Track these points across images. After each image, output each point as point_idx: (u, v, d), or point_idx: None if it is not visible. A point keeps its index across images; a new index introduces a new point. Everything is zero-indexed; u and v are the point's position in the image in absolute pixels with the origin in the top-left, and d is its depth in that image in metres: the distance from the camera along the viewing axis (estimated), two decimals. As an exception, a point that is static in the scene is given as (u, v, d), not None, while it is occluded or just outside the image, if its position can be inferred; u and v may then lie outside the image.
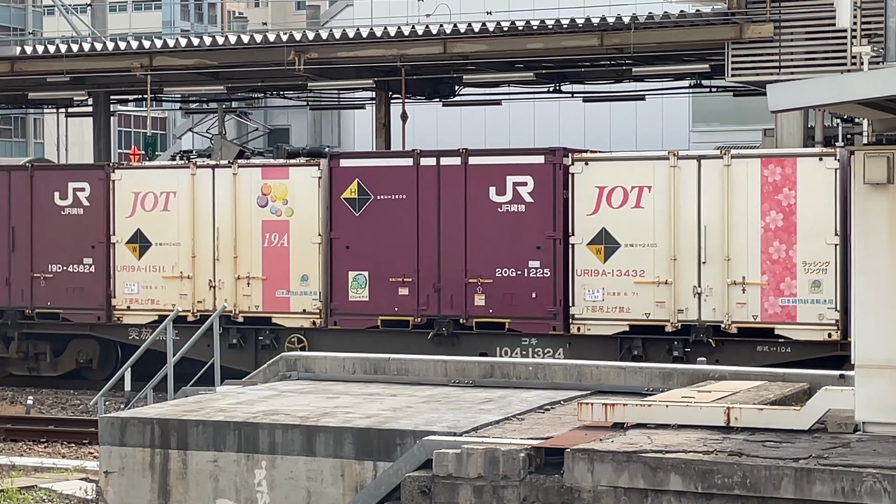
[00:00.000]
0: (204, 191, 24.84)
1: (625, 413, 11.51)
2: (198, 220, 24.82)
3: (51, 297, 26.05)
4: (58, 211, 25.90)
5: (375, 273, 23.60)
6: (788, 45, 23.89)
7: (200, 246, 24.79)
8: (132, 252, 25.32)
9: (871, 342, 10.96)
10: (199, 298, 24.78)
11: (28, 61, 29.33)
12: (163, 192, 25.07)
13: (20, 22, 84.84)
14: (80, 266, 25.78)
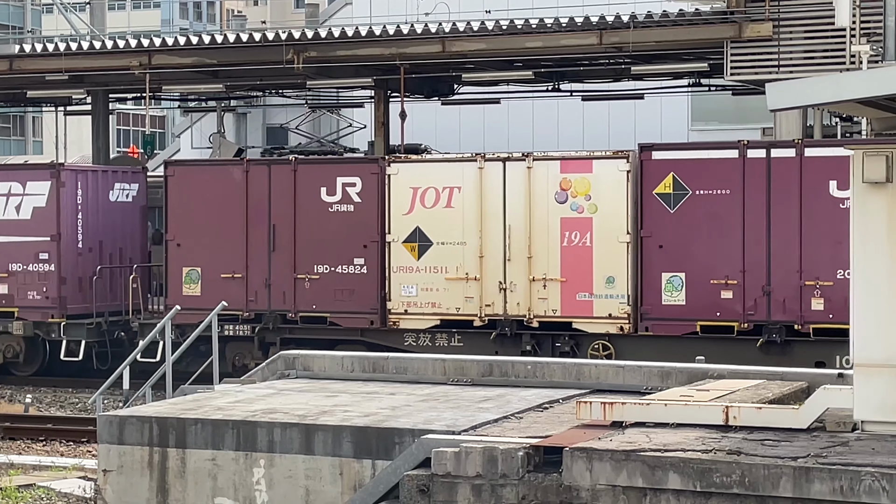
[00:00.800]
0: (493, 186, 22.90)
1: (623, 412, 11.51)
2: (486, 217, 22.93)
3: (316, 299, 24.13)
4: (325, 208, 23.97)
5: (693, 274, 21.93)
6: (787, 44, 23.89)
7: (489, 245, 22.91)
8: (410, 252, 23.40)
9: (870, 341, 10.96)
10: (488, 302, 22.93)
11: (27, 59, 29.33)
12: (445, 187, 23.10)
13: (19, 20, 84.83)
14: (349, 267, 23.85)
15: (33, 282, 26.47)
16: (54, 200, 26.28)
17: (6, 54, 29.98)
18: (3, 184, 26.66)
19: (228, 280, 24.61)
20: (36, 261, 26.45)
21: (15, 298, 26.63)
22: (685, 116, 35.82)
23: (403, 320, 23.58)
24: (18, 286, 26.57)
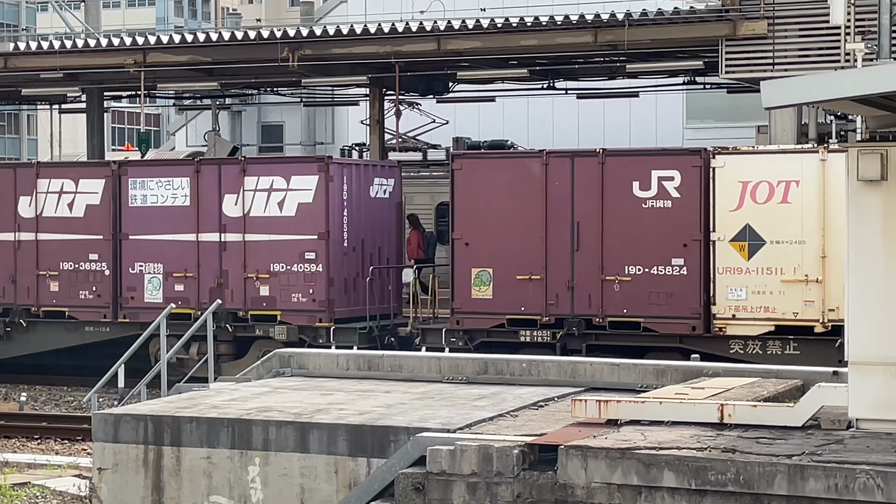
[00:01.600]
0: (838, 179, 20.57)
1: (619, 410, 11.51)
2: (828, 213, 21.10)
3: (628, 303, 22.40)
4: (637, 203, 22.20)
5: None
6: (782, 41, 23.91)
7: (832, 245, 20.98)
8: (739, 251, 21.61)
9: (865, 339, 10.96)
10: (832, 306, 21.19)
11: (21, 57, 29.31)
12: (781, 181, 21.34)
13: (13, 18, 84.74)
14: (666, 268, 22.08)
15: (298, 283, 24.30)
16: (322, 196, 24.08)
17: (1, 52, 29.96)
18: (265, 178, 24.45)
19: (524, 282, 22.83)
20: (301, 261, 24.25)
21: (277, 301, 24.48)
22: (680, 114, 35.85)
23: (731, 326, 21.86)
24: (281, 288, 24.45)
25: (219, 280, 24.78)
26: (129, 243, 25.45)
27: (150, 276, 25.35)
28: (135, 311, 25.37)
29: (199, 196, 24.91)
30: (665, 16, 24.98)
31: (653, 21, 24.90)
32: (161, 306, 22.75)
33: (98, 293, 25.78)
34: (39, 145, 71.37)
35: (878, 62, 20.98)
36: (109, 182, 25.56)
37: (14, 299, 26.45)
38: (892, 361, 10.86)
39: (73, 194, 25.90)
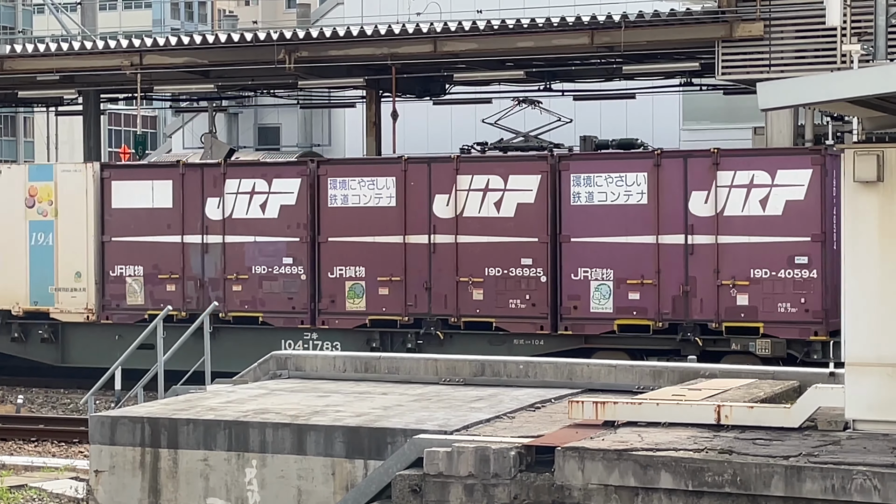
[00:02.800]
0: None
1: (615, 411, 11.52)
2: None
3: None
4: None
5: None
6: (778, 43, 23.92)
7: None
8: None
9: (861, 340, 10.97)
10: None
11: (18, 60, 29.28)
12: None
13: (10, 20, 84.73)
14: None
15: (786, 291, 21.65)
16: (817, 193, 21.39)
17: (-3, 54, 29.94)
18: (743, 173, 21.87)
19: None
20: (791, 266, 21.60)
21: (759, 311, 21.86)
22: (676, 116, 35.84)
23: None
24: (764, 296, 21.76)
25: (684, 288, 22.18)
26: None
27: (598, 283, 22.72)
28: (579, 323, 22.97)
29: None
30: (661, 17, 24.98)
31: (649, 23, 24.90)
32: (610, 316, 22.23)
33: None
34: (36, 148, 71.35)
35: (874, 64, 20.99)
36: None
37: None
38: (889, 362, 10.87)
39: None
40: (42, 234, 26.15)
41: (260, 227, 24.71)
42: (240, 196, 24.91)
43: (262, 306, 24.71)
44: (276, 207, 24.60)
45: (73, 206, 25.89)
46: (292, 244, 24.46)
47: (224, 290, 24.83)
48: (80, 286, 25.83)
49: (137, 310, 25.42)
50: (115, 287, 25.64)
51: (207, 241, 25.03)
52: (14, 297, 26.27)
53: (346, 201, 24.16)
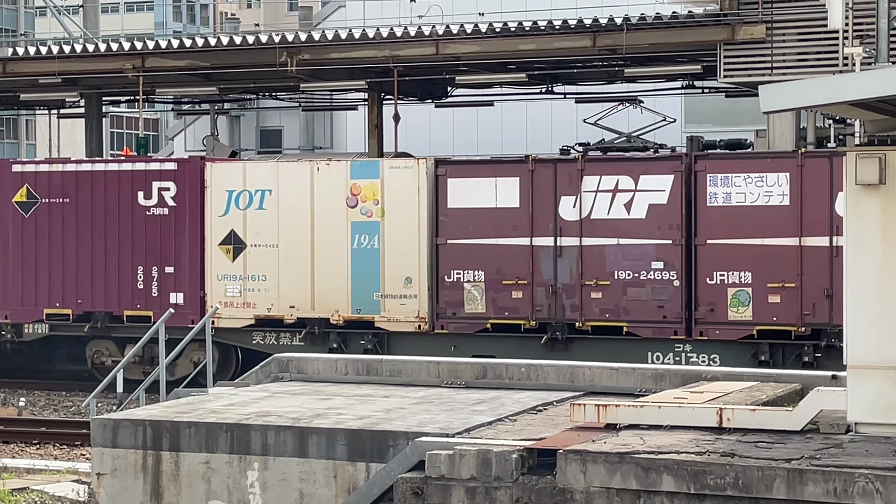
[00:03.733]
0: None
1: (617, 414, 11.51)
2: None
3: None
4: None
5: None
6: (780, 46, 23.92)
7: None
8: None
9: (863, 343, 10.97)
10: None
11: (20, 62, 29.29)
12: None
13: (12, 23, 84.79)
14: None
15: None
16: None
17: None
18: None
19: None
20: None
21: None
22: (678, 119, 35.85)
23: None
24: None
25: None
26: None
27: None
28: None
29: None
30: (663, 20, 24.98)
31: (651, 25, 24.90)
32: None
33: None
34: (38, 150, 71.40)
35: (876, 66, 20.98)
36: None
37: None
38: (891, 365, 10.87)
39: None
40: (366, 237, 24.18)
41: (624, 228, 22.92)
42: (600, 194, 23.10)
43: (627, 315, 22.89)
44: (643, 207, 22.78)
45: (401, 206, 23.93)
46: (662, 247, 22.63)
47: (581, 297, 23.11)
48: (410, 292, 23.89)
49: (477, 318, 23.66)
50: (450, 294, 23.79)
51: (561, 245, 23.22)
52: (334, 305, 24.27)
53: (728, 200, 22.35)
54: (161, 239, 25.40)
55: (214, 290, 24.91)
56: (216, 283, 24.92)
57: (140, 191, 25.54)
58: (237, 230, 24.81)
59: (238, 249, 24.83)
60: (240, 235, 24.79)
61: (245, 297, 24.80)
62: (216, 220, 24.95)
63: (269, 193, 24.65)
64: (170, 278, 25.32)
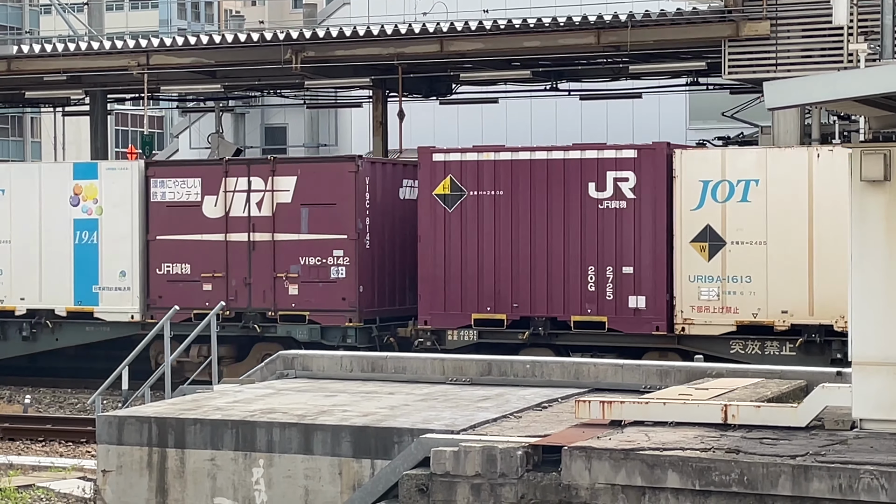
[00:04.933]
0: None
1: (622, 411, 11.52)
2: None
3: None
4: None
5: None
6: (785, 42, 23.90)
7: None
8: None
9: (868, 339, 10.96)
10: None
11: (25, 60, 29.31)
12: None
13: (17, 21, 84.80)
14: None
15: None
16: None
17: (4, 55, 29.95)
18: None
19: None
20: None
21: None
22: (683, 115, 35.83)
23: None
24: None
25: None
26: None
27: None
28: None
29: None
30: (668, 17, 24.97)
31: (656, 22, 24.89)
32: None
33: None
34: (43, 148, 71.42)
35: (880, 63, 20.97)
36: None
37: None
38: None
39: None
40: None
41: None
42: None
43: None
44: None
45: None
46: None
47: None
48: None
49: None
50: None
51: None
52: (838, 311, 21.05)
53: None
54: (619, 235, 22.52)
55: (685, 293, 22.09)
56: (687, 285, 22.06)
57: (591, 182, 22.71)
58: (713, 225, 22.00)
59: (715, 247, 22.05)
60: (717, 231, 22.02)
61: (724, 301, 21.95)
62: (687, 214, 22.17)
63: (754, 184, 21.81)
64: (628, 279, 22.44)
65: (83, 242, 25.82)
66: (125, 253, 25.54)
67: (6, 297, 26.28)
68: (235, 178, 24.84)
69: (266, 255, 24.71)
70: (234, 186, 24.86)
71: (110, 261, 25.60)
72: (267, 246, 24.68)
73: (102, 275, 25.66)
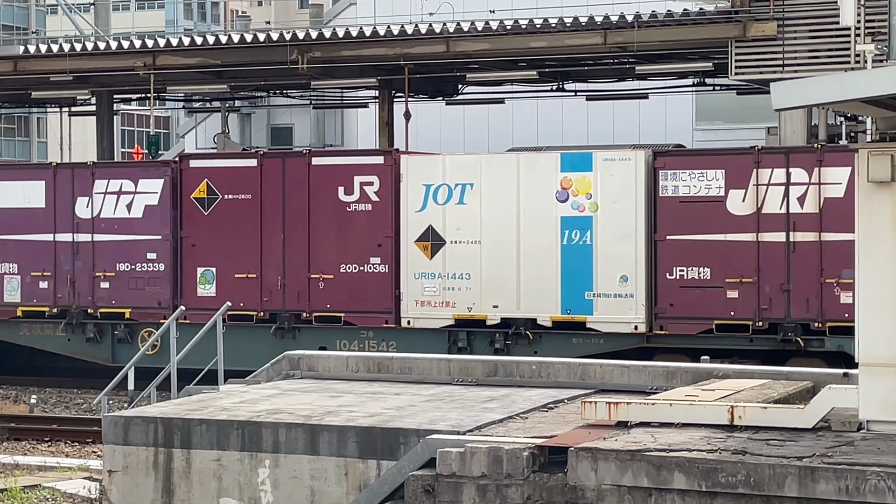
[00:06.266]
0: None
1: (628, 412, 11.50)
2: None
3: None
4: None
5: None
6: (792, 43, 23.89)
7: None
8: None
9: (876, 340, 10.94)
10: None
11: (31, 60, 29.35)
12: None
13: (23, 21, 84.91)
14: None
15: None
16: None
17: (11, 55, 30.00)
18: None
19: None
20: None
21: None
22: (689, 116, 35.81)
23: None
24: None
25: None
26: None
27: None
28: None
29: None
30: (674, 17, 24.97)
31: (662, 23, 24.89)
32: None
33: None
34: (49, 148, 71.50)
35: (888, 63, 20.95)
36: None
37: None
38: (903, 363, 10.84)
39: None
40: None
41: None
42: None
43: None
44: None
45: None
46: None
47: None
48: None
49: None
50: None
51: None
52: None
53: None
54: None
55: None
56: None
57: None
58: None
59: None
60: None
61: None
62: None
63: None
64: None
65: (573, 243, 22.97)
66: (626, 255, 22.59)
67: (475, 304, 23.49)
68: (770, 170, 21.83)
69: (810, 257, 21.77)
70: (767, 179, 21.88)
71: (607, 263, 22.73)
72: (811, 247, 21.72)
73: (597, 279, 22.81)
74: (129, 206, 25.59)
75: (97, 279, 25.82)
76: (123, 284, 25.70)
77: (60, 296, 26.12)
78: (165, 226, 25.30)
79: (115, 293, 25.76)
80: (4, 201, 26.52)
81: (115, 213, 25.69)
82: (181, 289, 25.11)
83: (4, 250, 26.52)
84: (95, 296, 25.90)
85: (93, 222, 25.82)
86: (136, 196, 25.55)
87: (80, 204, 25.94)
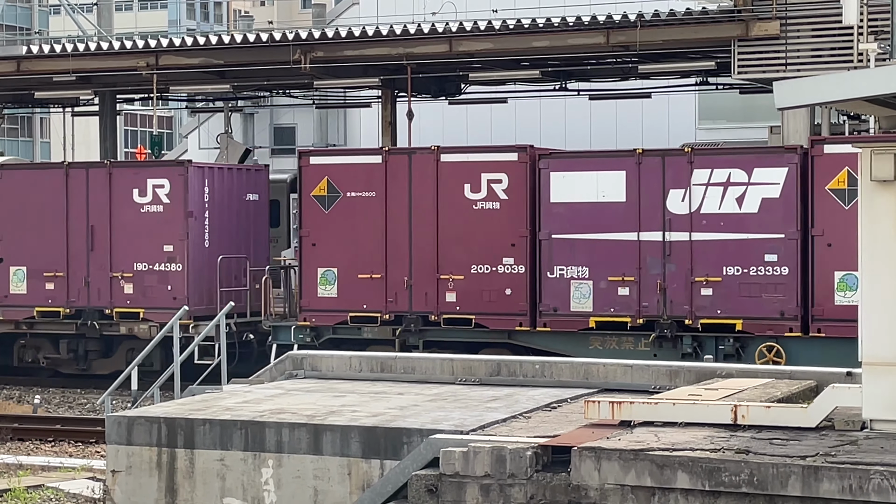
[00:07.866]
0: None
1: (632, 411, 11.50)
2: None
3: None
4: None
5: None
6: (795, 42, 23.87)
7: None
8: None
9: (879, 339, 10.94)
10: None
11: (34, 61, 29.35)
12: None
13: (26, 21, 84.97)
14: None
15: None
16: None
17: (14, 55, 30.00)
18: None
19: None
20: None
21: None
22: (692, 115, 35.81)
23: None
24: None
25: None
26: None
27: None
28: None
29: None
30: (677, 17, 24.95)
31: (665, 22, 24.87)
32: None
33: None
34: (52, 148, 71.53)
35: (891, 62, 20.94)
36: None
37: None
38: (906, 362, 10.84)
39: None
40: None
41: None
42: None
43: None
44: None
45: None
46: None
47: None
48: None
49: None
50: None
51: None
52: None
53: None
54: None
55: None
56: None
57: None
58: None
59: None
60: None
61: None
62: None
63: None
64: None
65: None
66: None
67: None
68: None
69: None
70: None
71: None
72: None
73: None
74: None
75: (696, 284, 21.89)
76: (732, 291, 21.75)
77: (646, 304, 22.18)
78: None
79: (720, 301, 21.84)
80: None
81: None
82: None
83: (572, 251, 22.87)
84: (693, 304, 21.85)
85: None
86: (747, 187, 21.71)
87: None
